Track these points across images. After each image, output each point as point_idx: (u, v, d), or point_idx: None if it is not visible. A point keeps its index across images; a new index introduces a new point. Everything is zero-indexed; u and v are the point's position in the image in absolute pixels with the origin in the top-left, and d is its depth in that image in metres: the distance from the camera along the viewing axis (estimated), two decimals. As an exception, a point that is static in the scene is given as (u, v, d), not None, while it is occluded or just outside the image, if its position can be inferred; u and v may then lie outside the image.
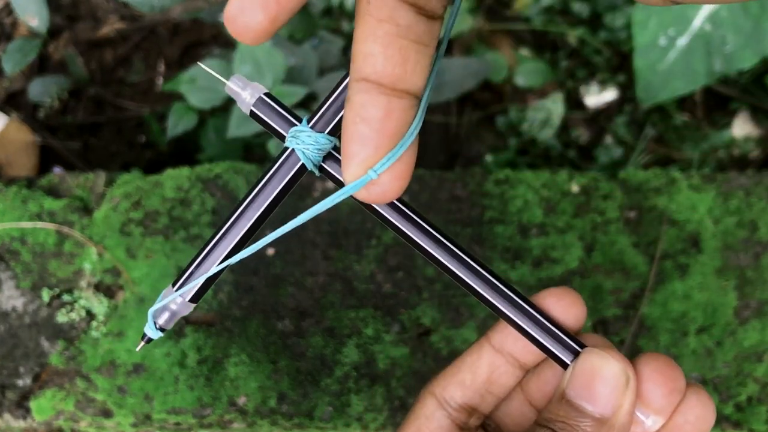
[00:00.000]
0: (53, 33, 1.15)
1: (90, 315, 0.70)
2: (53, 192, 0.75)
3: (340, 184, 0.29)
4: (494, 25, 1.16)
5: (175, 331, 0.69)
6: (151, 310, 0.29)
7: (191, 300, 0.30)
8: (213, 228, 0.72)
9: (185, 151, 1.07)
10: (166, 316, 0.29)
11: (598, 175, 0.75)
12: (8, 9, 1.16)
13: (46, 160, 1.08)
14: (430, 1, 0.23)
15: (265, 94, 0.29)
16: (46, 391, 0.69)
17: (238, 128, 0.84)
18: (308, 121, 0.29)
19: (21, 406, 0.69)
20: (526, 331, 0.28)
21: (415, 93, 0.24)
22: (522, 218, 0.72)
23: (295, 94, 0.86)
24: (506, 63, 1.11)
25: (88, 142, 1.12)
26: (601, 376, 0.26)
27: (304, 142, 0.28)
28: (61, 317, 0.70)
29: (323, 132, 0.29)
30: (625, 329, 0.69)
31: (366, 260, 0.71)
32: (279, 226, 0.31)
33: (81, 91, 1.14)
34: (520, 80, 1.11)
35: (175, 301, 0.29)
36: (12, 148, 1.05)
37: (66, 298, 0.71)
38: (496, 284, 0.28)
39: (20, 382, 0.69)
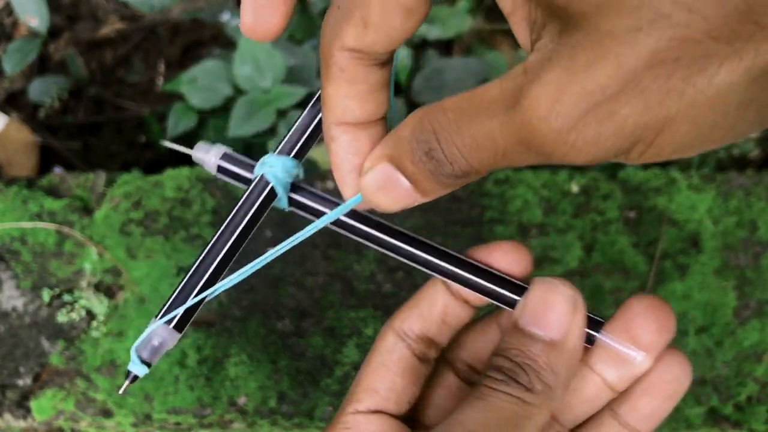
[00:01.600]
0: (53, 33, 1.15)
1: (90, 315, 0.70)
2: (53, 192, 0.75)
3: (310, 211, 0.31)
4: (494, 26, 1.17)
5: (175, 331, 0.69)
6: (133, 347, 0.29)
7: (176, 328, 0.30)
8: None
9: (185, 151, 1.07)
10: (150, 349, 0.29)
11: (598, 175, 0.75)
12: (8, 9, 1.16)
13: (46, 160, 1.08)
14: (385, 54, 0.25)
15: (225, 154, 0.32)
16: (47, 391, 0.69)
17: (238, 128, 0.84)
18: (274, 151, 0.32)
19: (21, 406, 0.70)
20: (475, 284, 0.30)
21: (385, 113, 0.27)
22: (522, 218, 0.72)
23: (295, 94, 0.86)
24: (506, 63, 1.11)
25: (89, 142, 1.12)
26: (550, 303, 0.27)
27: (272, 166, 0.30)
28: (62, 317, 0.70)
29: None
30: (624, 329, 0.69)
31: (366, 260, 0.71)
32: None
33: (81, 91, 1.14)
34: (520, 80, 1.11)
35: (160, 332, 0.29)
36: (12, 148, 1.05)
37: (66, 298, 0.71)
38: (441, 249, 0.31)
39: (20, 382, 0.69)
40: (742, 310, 0.70)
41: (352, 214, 0.32)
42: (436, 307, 0.32)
